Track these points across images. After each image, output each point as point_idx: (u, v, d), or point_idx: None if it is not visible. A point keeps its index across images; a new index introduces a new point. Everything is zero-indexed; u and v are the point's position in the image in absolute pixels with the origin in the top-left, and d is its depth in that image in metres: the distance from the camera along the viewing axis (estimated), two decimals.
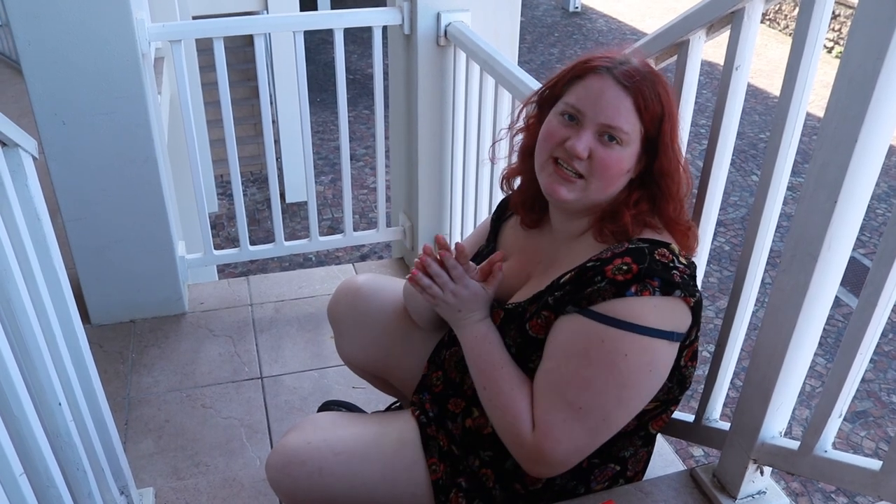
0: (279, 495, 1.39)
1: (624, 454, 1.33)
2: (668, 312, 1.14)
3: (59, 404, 1.20)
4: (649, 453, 1.39)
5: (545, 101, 1.28)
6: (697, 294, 1.18)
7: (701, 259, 1.43)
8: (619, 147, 1.18)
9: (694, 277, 1.20)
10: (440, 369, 1.42)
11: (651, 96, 1.18)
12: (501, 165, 2.08)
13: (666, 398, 1.27)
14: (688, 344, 1.20)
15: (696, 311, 1.18)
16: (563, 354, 1.18)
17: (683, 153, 1.26)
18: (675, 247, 1.21)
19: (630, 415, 1.20)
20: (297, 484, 1.32)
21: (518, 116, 1.38)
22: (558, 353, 1.18)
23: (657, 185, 1.22)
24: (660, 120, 1.19)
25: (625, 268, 1.14)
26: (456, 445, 1.34)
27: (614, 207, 1.23)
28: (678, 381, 1.25)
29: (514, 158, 1.40)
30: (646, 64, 1.22)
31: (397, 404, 1.70)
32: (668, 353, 1.17)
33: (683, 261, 1.19)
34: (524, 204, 1.38)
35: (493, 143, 1.54)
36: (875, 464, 1.15)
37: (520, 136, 1.36)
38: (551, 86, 1.27)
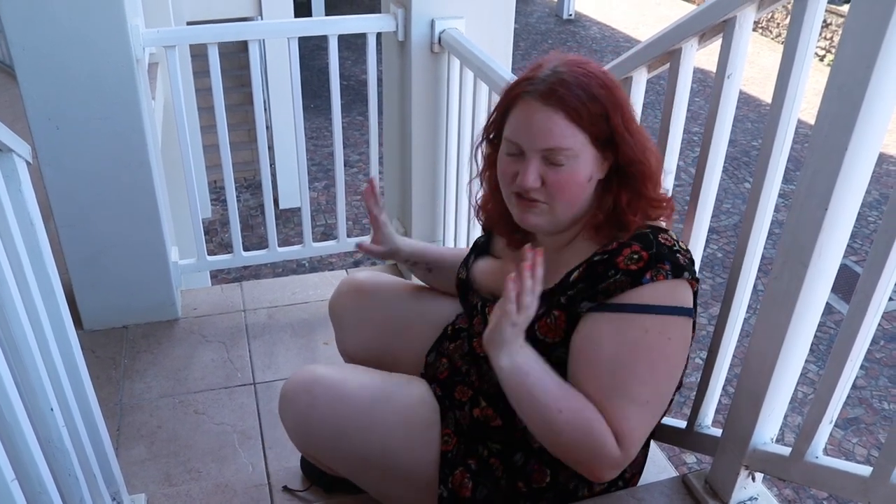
0: (288, 419, 1.40)
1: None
2: (682, 293, 1.16)
3: (51, 410, 1.19)
4: (645, 455, 1.40)
5: (494, 134, 1.28)
6: (698, 280, 1.20)
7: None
8: (569, 164, 1.16)
9: (693, 262, 1.21)
10: (445, 356, 1.43)
11: (584, 100, 1.14)
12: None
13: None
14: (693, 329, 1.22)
15: (696, 295, 1.20)
16: (610, 356, 1.14)
17: (645, 134, 1.23)
18: (671, 231, 1.22)
19: (673, 393, 1.22)
20: (315, 404, 1.34)
21: (475, 155, 1.37)
22: (603, 357, 1.15)
23: (630, 175, 1.20)
24: (604, 117, 1.16)
25: (636, 256, 1.15)
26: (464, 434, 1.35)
27: (608, 216, 1.21)
28: None
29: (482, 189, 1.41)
30: (573, 64, 1.17)
31: None
32: (689, 328, 1.19)
33: (682, 245, 1.21)
34: (506, 228, 1.37)
35: (470, 181, 1.55)
36: (865, 470, 1.15)
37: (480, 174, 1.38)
38: (493, 123, 1.27)
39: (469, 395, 1.35)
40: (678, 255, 1.17)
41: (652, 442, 1.50)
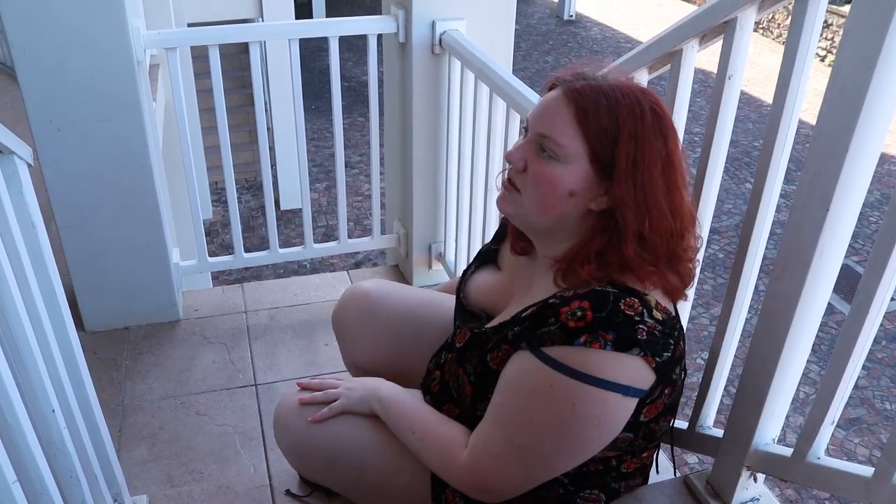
0: (282, 443, 1.42)
1: (614, 486, 1.31)
2: (625, 367, 1.06)
3: (53, 411, 1.19)
4: (645, 478, 1.37)
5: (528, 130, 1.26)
6: (666, 354, 1.08)
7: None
8: (556, 162, 1.10)
9: (669, 334, 1.09)
10: (439, 369, 1.42)
11: (600, 111, 1.08)
12: (495, 175, 2.09)
13: (630, 449, 1.23)
14: (649, 402, 1.13)
15: (662, 370, 1.09)
16: (511, 390, 1.14)
17: (688, 192, 1.15)
18: (651, 298, 1.10)
19: (572, 463, 1.16)
20: (308, 429, 1.35)
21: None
22: (508, 389, 1.15)
23: (616, 220, 1.11)
24: (612, 139, 1.08)
25: (579, 313, 1.06)
26: None
27: (573, 255, 1.15)
28: (645, 436, 1.21)
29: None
30: (622, 84, 1.12)
31: None
32: (621, 407, 1.09)
33: (658, 315, 1.08)
34: (513, 230, 1.34)
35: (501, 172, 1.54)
36: (867, 470, 1.15)
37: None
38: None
39: (456, 415, 1.33)
40: (639, 326, 1.06)
41: None
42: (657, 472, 1.41)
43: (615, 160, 1.09)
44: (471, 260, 1.53)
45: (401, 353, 1.55)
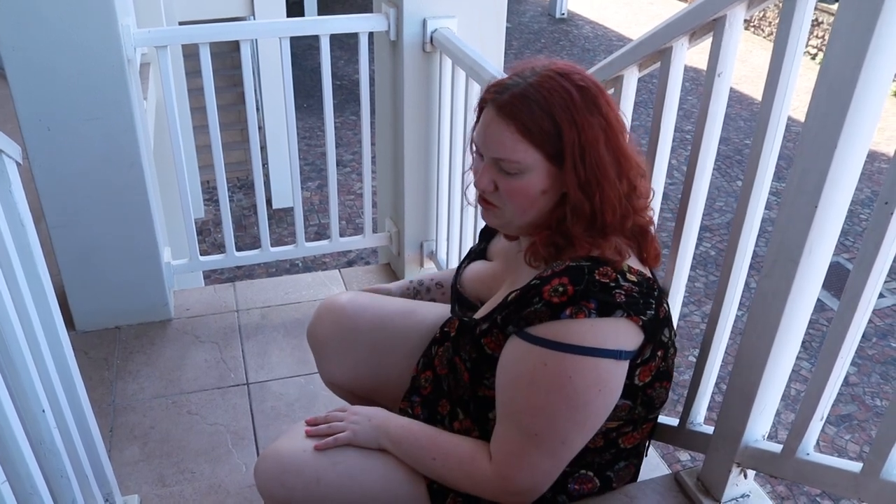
0: (270, 503, 1.35)
1: (608, 473, 1.32)
2: (611, 332, 1.11)
3: (43, 411, 1.19)
4: (636, 465, 1.38)
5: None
6: (649, 312, 1.14)
7: (683, 266, 1.44)
8: (520, 175, 1.16)
9: (648, 293, 1.15)
10: (429, 368, 1.42)
11: (538, 117, 1.13)
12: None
13: (630, 417, 1.25)
14: (641, 362, 1.16)
15: (650, 328, 1.14)
16: (510, 382, 1.17)
17: (635, 157, 1.20)
18: (624, 265, 1.16)
19: (588, 434, 1.18)
20: (293, 494, 1.27)
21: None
22: (506, 382, 1.18)
23: (571, 200, 1.17)
24: (556, 136, 1.13)
25: (560, 289, 1.12)
26: None
27: (550, 235, 1.21)
28: (643, 403, 1.23)
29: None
30: (548, 76, 1.16)
31: None
32: (615, 371, 1.13)
33: (633, 278, 1.15)
34: None
35: (464, 173, 1.57)
36: (856, 466, 1.16)
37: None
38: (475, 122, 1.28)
39: (448, 410, 1.34)
40: (616, 290, 1.12)
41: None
42: (646, 454, 1.40)
43: (563, 151, 1.14)
44: (463, 256, 1.54)
45: (378, 366, 1.52)
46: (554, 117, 1.13)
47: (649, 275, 1.21)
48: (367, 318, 1.53)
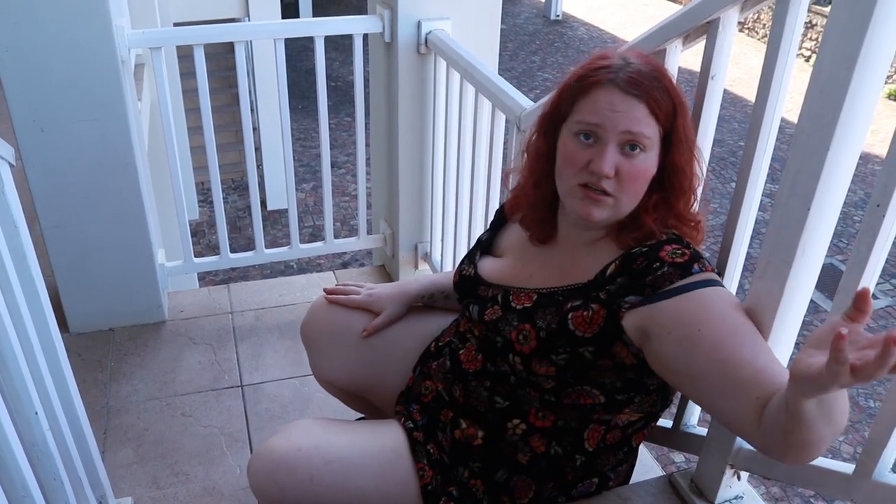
0: (263, 502, 1.34)
1: (607, 470, 1.32)
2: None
3: (36, 413, 1.19)
4: (632, 466, 1.38)
5: (549, 126, 1.24)
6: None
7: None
8: (643, 154, 1.16)
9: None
10: (428, 379, 1.41)
11: (661, 96, 1.15)
12: (493, 175, 2.10)
13: (650, 411, 1.26)
14: None
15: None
16: (689, 349, 1.09)
17: (697, 147, 1.24)
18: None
19: (768, 352, 1.11)
20: (285, 492, 1.26)
21: (526, 144, 1.33)
22: (682, 355, 1.10)
23: (669, 182, 1.20)
24: (673, 116, 1.17)
25: (679, 251, 1.15)
26: (446, 455, 1.32)
27: (633, 215, 1.21)
28: (661, 395, 1.25)
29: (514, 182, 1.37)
30: (645, 60, 1.19)
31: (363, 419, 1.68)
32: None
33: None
34: (536, 222, 1.34)
35: (507, 174, 1.52)
36: (848, 468, 1.16)
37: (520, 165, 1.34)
38: (553, 109, 1.23)
39: (450, 417, 1.33)
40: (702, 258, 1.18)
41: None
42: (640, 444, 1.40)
43: (673, 132, 1.17)
44: (468, 250, 1.50)
45: (372, 365, 1.51)
46: (672, 98, 1.16)
47: None
48: (360, 315, 1.53)
